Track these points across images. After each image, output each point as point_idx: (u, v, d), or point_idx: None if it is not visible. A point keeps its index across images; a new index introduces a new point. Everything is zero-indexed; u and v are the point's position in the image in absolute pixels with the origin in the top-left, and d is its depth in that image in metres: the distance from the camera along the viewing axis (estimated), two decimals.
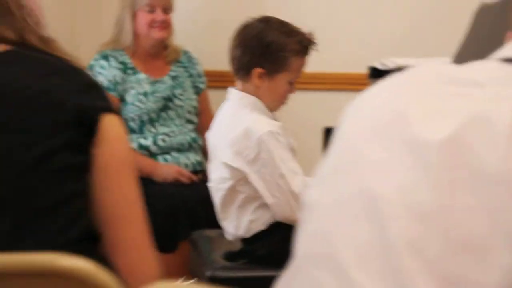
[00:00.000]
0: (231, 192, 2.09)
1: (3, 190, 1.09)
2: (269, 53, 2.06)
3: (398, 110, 0.92)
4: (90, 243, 1.14)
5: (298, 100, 2.33)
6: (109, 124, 1.14)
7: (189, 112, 3.19)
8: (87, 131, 1.12)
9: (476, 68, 0.94)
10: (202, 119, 3.25)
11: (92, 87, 1.16)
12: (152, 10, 3.07)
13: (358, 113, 0.97)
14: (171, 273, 2.35)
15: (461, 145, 0.82)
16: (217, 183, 2.12)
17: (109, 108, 1.15)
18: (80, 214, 1.13)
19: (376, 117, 0.93)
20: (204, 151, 3.24)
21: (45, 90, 1.12)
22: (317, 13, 2.70)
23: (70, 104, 1.12)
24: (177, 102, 3.15)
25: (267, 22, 2.10)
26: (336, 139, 0.98)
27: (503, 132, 0.82)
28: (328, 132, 2.61)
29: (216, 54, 3.45)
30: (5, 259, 0.95)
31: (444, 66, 0.96)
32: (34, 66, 1.16)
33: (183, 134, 3.14)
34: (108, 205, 1.16)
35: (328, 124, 2.60)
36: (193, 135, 3.18)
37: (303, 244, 0.93)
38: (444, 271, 0.79)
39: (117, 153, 1.15)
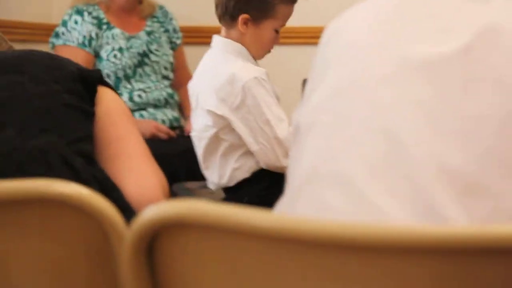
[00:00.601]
0: (215, 140, 2.07)
1: (19, 111, 1.16)
2: None
3: (393, 31, 0.89)
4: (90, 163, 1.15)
5: (277, 53, 2.30)
6: (106, 91, 1.26)
7: (165, 68, 3.15)
8: (88, 88, 1.22)
9: None
10: (178, 75, 3.21)
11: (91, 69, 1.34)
12: None
13: (339, 43, 0.94)
14: None
15: (475, 57, 0.81)
16: (200, 132, 2.10)
17: (105, 83, 1.27)
18: (83, 140, 1.15)
19: (371, 38, 0.91)
20: (180, 107, 3.22)
21: (51, 57, 1.26)
22: None
23: (73, 68, 1.24)
24: (153, 57, 3.11)
25: None
26: (322, 61, 0.95)
27: None
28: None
29: (191, 10, 3.42)
30: None
31: None
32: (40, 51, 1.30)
33: (159, 90, 3.11)
34: (110, 132, 1.21)
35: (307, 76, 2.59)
36: (170, 91, 3.14)
37: (303, 165, 0.91)
38: (466, 180, 0.78)
39: (115, 104, 1.26)
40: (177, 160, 2.73)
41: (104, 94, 1.24)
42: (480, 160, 0.78)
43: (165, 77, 3.15)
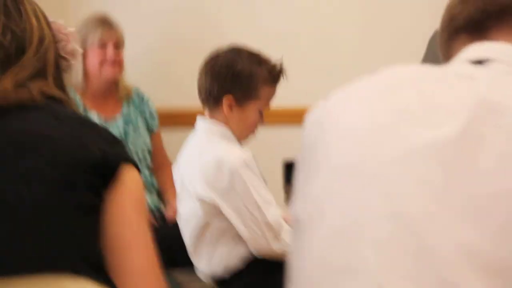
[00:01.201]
0: (203, 225, 2.02)
1: (27, 205, 1.10)
2: (239, 81, 2.04)
3: (392, 114, 0.89)
4: (98, 270, 1.11)
5: (258, 134, 2.29)
6: (128, 171, 1.19)
7: (142, 151, 3.12)
8: (107, 176, 1.17)
9: (456, 66, 0.94)
10: (156, 159, 3.18)
11: (118, 141, 1.24)
12: (103, 45, 3.01)
13: (339, 126, 0.92)
14: None
15: (476, 136, 0.81)
16: (187, 217, 2.05)
17: (130, 160, 1.21)
18: (88, 244, 1.11)
19: (371, 121, 0.89)
20: (158, 192, 3.16)
21: (73, 135, 1.19)
22: (274, 49, 2.67)
23: (96, 148, 1.17)
24: (129, 141, 3.08)
25: (237, 51, 2.09)
26: (318, 146, 0.93)
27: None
28: (288, 166, 2.60)
29: (167, 92, 3.40)
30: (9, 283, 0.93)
31: (422, 66, 0.94)
32: (66, 118, 1.23)
33: None
34: (117, 235, 1.15)
35: (289, 157, 2.57)
36: (147, 175, 3.10)
37: (311, 257, 0.87)
38: (485, 258, 0.76)
39: (132, 192, 1.19)
40: (158, 248, 2.66)
41: (125, 176, 1.17)
42: (496, 237, 0.77)
43: (142, 161, 3.11)
